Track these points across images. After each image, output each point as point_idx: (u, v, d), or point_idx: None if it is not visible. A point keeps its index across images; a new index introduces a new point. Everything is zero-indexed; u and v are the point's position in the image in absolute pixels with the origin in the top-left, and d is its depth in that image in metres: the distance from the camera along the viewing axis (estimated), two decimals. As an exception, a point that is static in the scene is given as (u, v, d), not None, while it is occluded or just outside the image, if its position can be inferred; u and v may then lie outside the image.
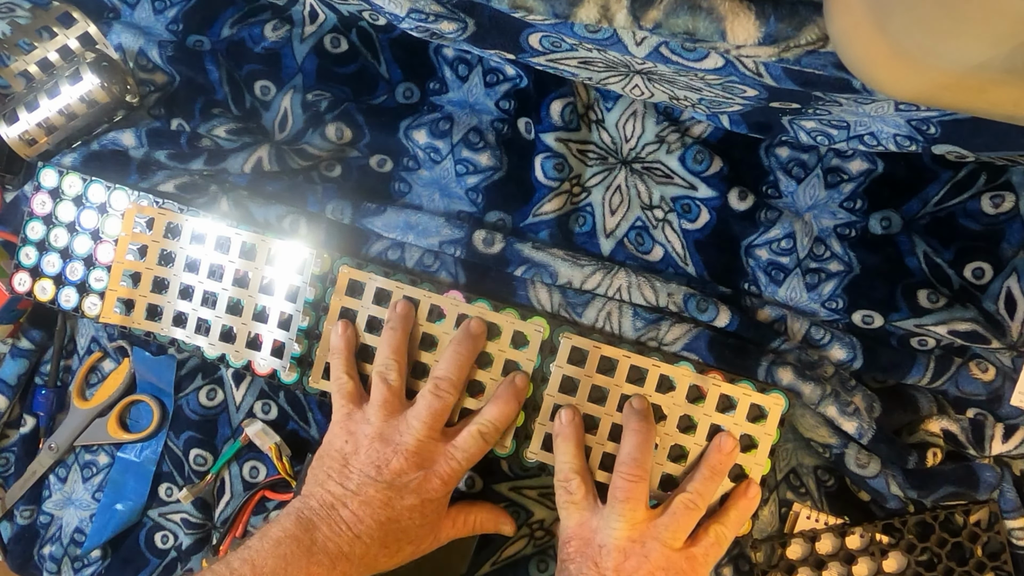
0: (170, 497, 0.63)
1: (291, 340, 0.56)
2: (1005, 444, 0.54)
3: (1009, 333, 0.54)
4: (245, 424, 0.60)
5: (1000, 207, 0.55)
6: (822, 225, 0.57)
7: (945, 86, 0.29)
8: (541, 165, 0.58)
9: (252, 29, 0.61)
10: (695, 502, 0.50)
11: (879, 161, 0.57)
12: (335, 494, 0.50)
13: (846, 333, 0.55)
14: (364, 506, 0.49)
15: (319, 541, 0.48)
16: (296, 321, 0.56)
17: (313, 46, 0.61)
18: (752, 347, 0.54)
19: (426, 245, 0.57)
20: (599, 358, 0.53)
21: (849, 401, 0.53)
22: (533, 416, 0.54)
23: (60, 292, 0.59)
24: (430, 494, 0.50)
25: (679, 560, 0.48)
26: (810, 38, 0.35)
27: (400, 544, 0.50)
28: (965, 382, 0.54)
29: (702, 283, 0.57)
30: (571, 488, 0.51)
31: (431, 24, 0.46)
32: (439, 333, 0.55)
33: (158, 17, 0.62)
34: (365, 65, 0.61)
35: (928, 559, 0.55)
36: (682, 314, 0.55)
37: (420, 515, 0.51)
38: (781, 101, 0.46)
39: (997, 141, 0.44)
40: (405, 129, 0.60)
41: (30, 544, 0.65)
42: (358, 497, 0.49)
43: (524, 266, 0.56)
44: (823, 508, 0.57)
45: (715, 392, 0.52)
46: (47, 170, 0.59)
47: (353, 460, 0.51)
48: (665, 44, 0.41)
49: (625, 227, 0.59)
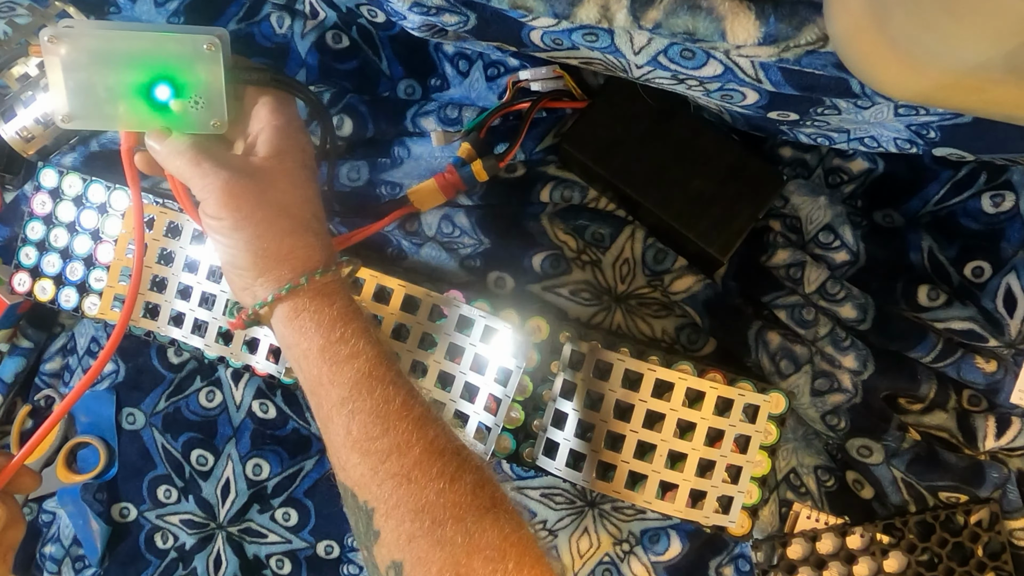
0: (168, 499, 0.63)
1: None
2: (999, 440, 0.54)
3: (1008, 331, 0.54)
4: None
5: (1000, 206, 0.55)
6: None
7: (945, 86, 0.29)
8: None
9: (261, 25, 0.61)
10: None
11: (879, 161, 0.57)
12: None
13: (862, 293, 0.55)
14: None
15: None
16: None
17: (314, 41, 0.61)
18: (747, 309, 0.55)
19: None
20: (595, 361, 0.53)
21: (828, 372, 0.54)
22: (534, 416, 0.54)
23: (60, 292, 0.59)
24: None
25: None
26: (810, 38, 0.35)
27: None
28: (968, 370, 0.54)
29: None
30: None
31: (433, 17, 0.46)
32: (439, 333, 0.55)
33: (159, 11, 0.62)
34: (367, 61, 0.61)
35: (929, 559, 0.55)
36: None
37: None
38: (779, 111, 0.46)
39: (997, 144, 0.44)
40: (412, 117, 0.60)
41: (32, 542, 0.65)
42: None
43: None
44: (823, 508, 0.57)
45: (713, 394, 0.52)
46: (47, 170, 0.59)
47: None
48: (663, 53, 0.41)
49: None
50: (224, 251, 0.41)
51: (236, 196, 0.39)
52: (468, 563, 0.35)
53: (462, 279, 0.60)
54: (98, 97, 0.40)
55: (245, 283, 0.41)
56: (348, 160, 0.60)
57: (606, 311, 0.58)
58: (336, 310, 0.40)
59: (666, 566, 0.57)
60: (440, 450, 0.38)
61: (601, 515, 0.58)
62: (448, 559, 0.35)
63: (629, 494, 0.53)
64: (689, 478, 0.52)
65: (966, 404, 0.56)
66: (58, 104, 0.40)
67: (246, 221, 0.39)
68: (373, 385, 0.38)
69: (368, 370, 0.39)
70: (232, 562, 0.62)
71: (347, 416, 0.38)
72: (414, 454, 0.37)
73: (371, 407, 0.38)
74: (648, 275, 0.58)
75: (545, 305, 0.59)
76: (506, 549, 0.36)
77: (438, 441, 0.38)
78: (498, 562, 0.35)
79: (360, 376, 0.39)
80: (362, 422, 0.38)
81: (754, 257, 0.57)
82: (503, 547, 0.36)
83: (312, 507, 0.61)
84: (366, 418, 0.38)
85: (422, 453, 0.37)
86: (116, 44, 0.39)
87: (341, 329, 0.39)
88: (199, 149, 0.41)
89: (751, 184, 0.54)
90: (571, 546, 0.59)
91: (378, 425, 0.38)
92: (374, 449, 0.38)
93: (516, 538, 0.37)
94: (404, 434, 0.38)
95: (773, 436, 0.53)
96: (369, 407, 0.38)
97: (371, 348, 0.39)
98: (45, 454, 0.63)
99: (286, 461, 0.61)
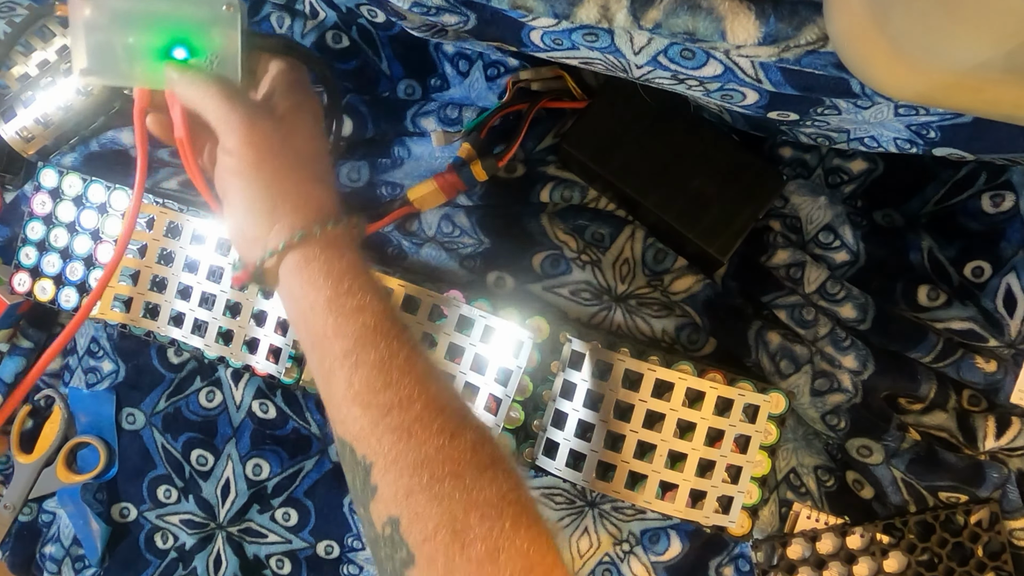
0: (168, 499, 0.63)
1: (287, 344, 0.56)
2: (999, 440, 0.54)
3: (1008, 331, 0.54)
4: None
5: (1000, 206, 0.55)
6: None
7: (945, 86, 0.29)
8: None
9: (262, 25, 0.61)
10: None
11: (879, 161, 0.57)
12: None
13: (862, 293, 0.55)
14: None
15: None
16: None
17: (314, 41, 0.61)
18: (747, 309, 0.55)
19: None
20: (596, 361, 0.53)
21: (828, 372, 0.54)
22: (534, 416, 0.54)
23: (60, 292, 0.59)
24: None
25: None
26: (810, 38, 0.35)
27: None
28: (968, 370, 0.54)
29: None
30: None
31: (433, 17, 0.46)
32: (439, 333, 0.55)
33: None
34: (366, 61, 0.61)
35: (929, 559, 0.55)
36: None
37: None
38: (779, 111, 0.46)
39: (997, 144, 0.44)
40: (412, 117, 0.60)
41: (32, 542, 0.65)
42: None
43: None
44: (823, 508, 0.57)
45: (713, 394, 0.52)
46: (47, 170, 0.59)
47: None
48: (663, 53, 0.41)
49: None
50: (240, 195, 0.40)
51: (261, 132, 0.39)
52: (465, 519, 0.35)
53: (462, 279, 0.60)
54: (117, 56, 0.41)
55: (257, 232, 0.40)
56: (348, 161, 0.60)
57: (606, 311, 0.58)
58: (345, 263, 0.39)
59: (666, 566, 0.57)
60: (442, 407, 0.37)
61: (601, 515, 0.58)
62: (445, 514, 0.35)
63: (629, 494, 0.53)
64: (689, 478, 0.52)
65: (966, 404, 0.56)
66: (77, 59, 0.40)
67: (269, 157, 0.39)
68: (378, 339, 0.38)
69: (374, 324, 0.38)
70: (232, 562, 0.62)
71: (350, 369, 0.38)
72: (416, 409, 0.37)
73: (375, 360, 0.38)
74: (648, 275, 0.58)
75: (545, 305, 0.59)
76: (503, 507, 0.35)
77: (440, 397, 0.38)
78: (495, 519, 0.35)
79: (365, 329, 0.38)
80: (365, 375, 0.38)
81: (754, 257, 0.57)
82: (500, 505, 0.35)
83: (312, 507, 0.61)
84: (369, 371, 0.38)
85: (423, 408, 0.37)
86: (138, 6, 0.40)
87: (349, 282, 0.39)
88: (224, 83, 0.41)
89: (751, 184, 0.54)
90: (571, 546, 0.59)
91: (381, 378, 0.37)
92: (376, 403, 0.37)
93: (514, 496, 0.36)
94: (407, 388, 0.37)
95: (773, 436, 0.53)
96: (373, 360, 0.38)
97: (378, 302, 0.39)
98: (45, 454, 0.63)
99: (286, 461, 0.61)
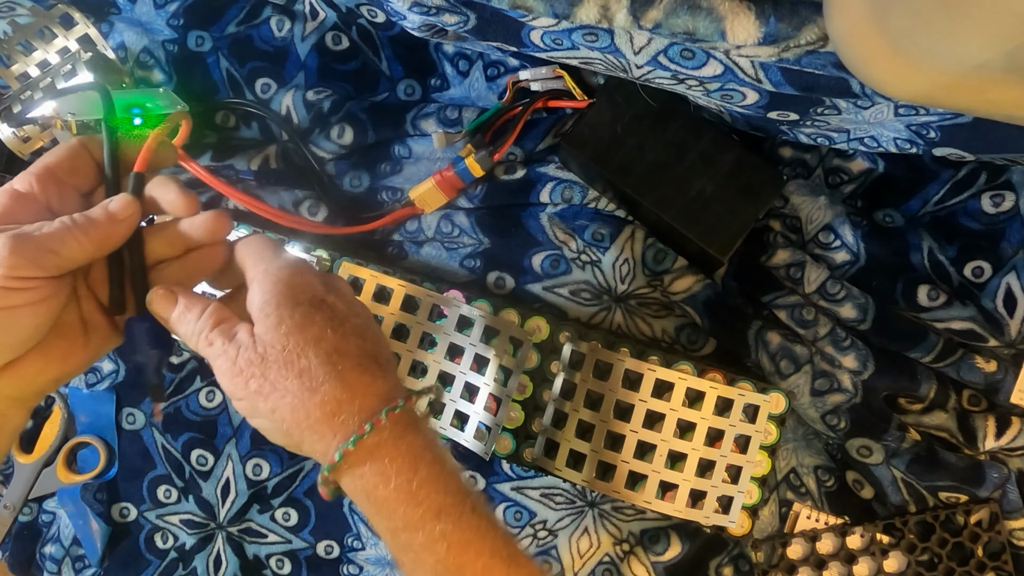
0: (168, 499, 0.63)
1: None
2: (999, 440, 0.54)
3: (1008, 331, 0.54)
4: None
5: (1000, 206, 0.55)
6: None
7: (945, 86, 0.29)
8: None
9: (261, 28, 0.61)
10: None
11: (879, 161, 0.57)
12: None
13: (862, 293, 0.55)
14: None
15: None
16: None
17: (314, 43, 0.61)
18: (747, 309, 0.55)
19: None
20: (595, 361, 0.53)
21: (828, 372, 0.54)
22: (534, 416, 0.54)
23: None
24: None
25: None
26: (810, 38, 0.35)
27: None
28: (968, 370, 0.54)
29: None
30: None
31: (433, 17, 0.46)
32: (439, 333, 0.55)
33: (159, 12, 0.62)
34: (366, 62, 0.61)
35: (929, 559, 0.55)
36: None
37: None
38: (779, 111, 0.46)
39: (997, 144, 0.44)
40: (412, 119, 0.60)
41: (32, 542, 0.65)
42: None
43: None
44: (823, 508, 0.57)
45: (713, 394, 0.52)
46: (47, 170, 0.59)
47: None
48: (663, 53, 0.41)
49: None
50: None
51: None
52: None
53: (462, 279, 0.60)
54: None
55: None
56: (349, 167, 0.60)
57: (606, 311, 0.58)
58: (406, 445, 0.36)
59: (666, 566, 0.57)
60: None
61: (601, 515, 0.58)
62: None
63: (629, 494, 0.53)
64: (689, 478, 0.52)
65: (966, 404, 0.56)
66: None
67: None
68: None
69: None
70: (232, 562, 0.62)
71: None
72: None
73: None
74: (648, 275, 0.58)
75: (545, 305, 0.59)
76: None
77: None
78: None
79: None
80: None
81: (754, 257, 0.57)
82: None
83: (312, 507, 0.61)
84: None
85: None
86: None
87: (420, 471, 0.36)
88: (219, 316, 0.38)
89: (751, 184, 0.54)
90: (571, 546, 0.59)
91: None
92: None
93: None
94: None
95: (773, 436, 0.53)
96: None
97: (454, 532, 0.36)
98: (45, 454, 0.63)
99: (286, 461, 0.61)
